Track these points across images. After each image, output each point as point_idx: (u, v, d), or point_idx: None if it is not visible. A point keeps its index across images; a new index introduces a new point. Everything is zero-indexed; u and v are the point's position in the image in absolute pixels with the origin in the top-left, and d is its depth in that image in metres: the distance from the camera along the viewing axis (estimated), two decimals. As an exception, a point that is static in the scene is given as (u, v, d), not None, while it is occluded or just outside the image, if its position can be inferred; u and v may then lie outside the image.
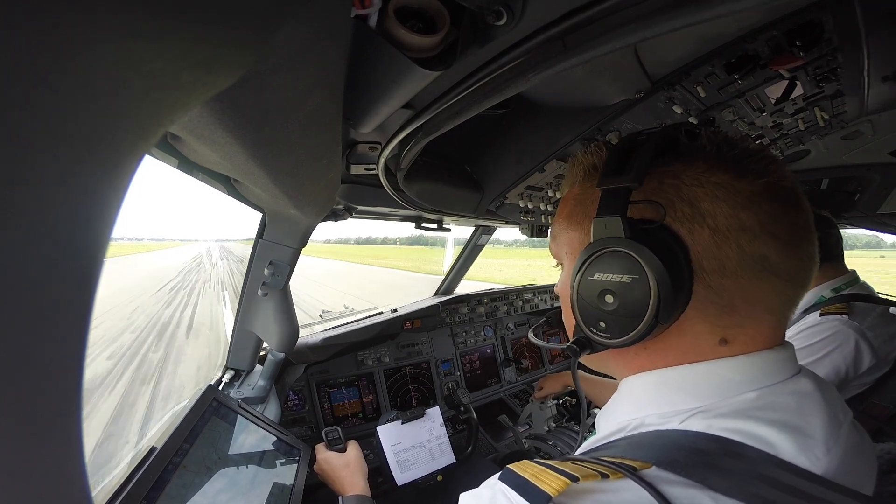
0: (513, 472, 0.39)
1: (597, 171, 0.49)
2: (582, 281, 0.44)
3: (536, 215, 1.44)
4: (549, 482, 0.35)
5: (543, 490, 0.35)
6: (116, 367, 8.57)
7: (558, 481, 0.35)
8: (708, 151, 0.42)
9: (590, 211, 0.46)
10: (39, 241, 0.17)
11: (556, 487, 0.34)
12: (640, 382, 0.47)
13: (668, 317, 0.39)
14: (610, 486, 0.36)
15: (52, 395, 0.20)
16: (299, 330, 1.41)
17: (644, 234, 0.40)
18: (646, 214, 0.42)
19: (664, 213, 0.41)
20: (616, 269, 0.41)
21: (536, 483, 0.36)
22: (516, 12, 0.40)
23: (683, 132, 0.45)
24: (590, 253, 0.43)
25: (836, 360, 1.23)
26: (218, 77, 0.28)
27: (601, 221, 0.42)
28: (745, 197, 0.39)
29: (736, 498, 0.34)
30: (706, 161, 0.41)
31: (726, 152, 0.42)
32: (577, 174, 0.52)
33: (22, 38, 0.14)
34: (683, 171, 0.42)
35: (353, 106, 0.58)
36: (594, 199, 0.45)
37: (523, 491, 0.36)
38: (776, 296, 0.41)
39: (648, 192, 0.42)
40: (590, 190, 0.48)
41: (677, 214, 0.41)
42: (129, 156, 0.22)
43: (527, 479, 0.37)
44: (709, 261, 0.40)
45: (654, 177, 0.43)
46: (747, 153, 0.42)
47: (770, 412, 0.39)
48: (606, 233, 0.42)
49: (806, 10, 0.54)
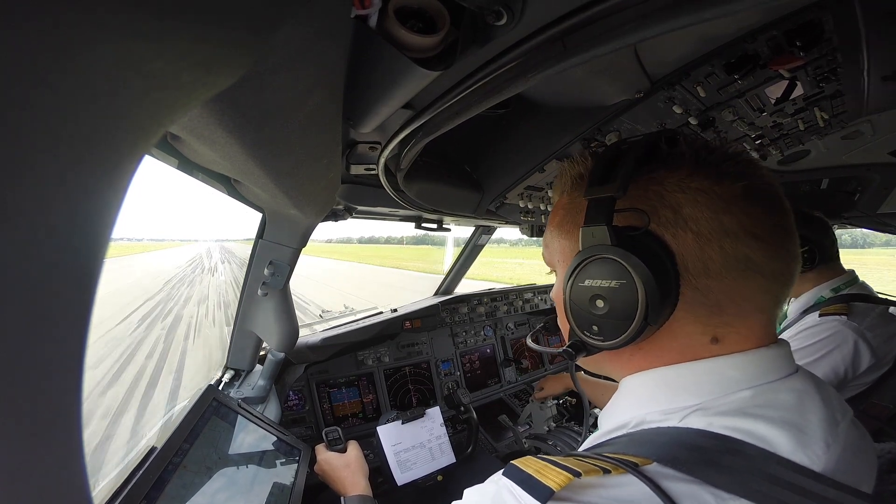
0: (516, 468, 0.40)
1: (583, 181, 0.50)
2: (573, 287, 0.46)
3: (536, 215, 1.44)
4: (551, 477, 0.36)
5: (546, 485, 0.35)
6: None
7: (561, 476, 0.36)
8: (688, 157, 0.44)
9: (578, 220, 0.48)
10: (39, 241, 0.17)
11: (559, 482, 0.35)
12: (640, 381, 0.48)
13: (656, 318, 0.41)
14: (612, 481, 0.37)
15: (52, 395, 0.20)
16: (299, 330, 1.41)
17: (630, 241, 0.42)
18: (631, 221, 0.44)
19: (648, 220, 0.42)
20: (605, 275, 0.42)
21: (539, 478, 0.37)
22: (516, 12, 0.40)
23: (664, 139, 0.46)
24: (579, 261, 0.45)
25: (835, 360, 1.23)
26: (218, 77, 0.28)
27: (588, 230, 0.44)
28: (724, 200, 0.41)
29: (736, 494, 0.34)
30: (687, 167, 0.43)
31: (705, 157, 0.43)
32: (565, 184, 0.54)
33: (22, 37, 0.14)
34: (665, 178, 0.43)
35: (353, 106, 0.58)
36: (581, 208, 0.46)
37: (527, 486, 0.37)
38: (762, 294, 0.43)
39: (633, 200, 0.44)
40: (577, 199, 0.50)
41: (661, 220, 0.42)
42: (129, 156, 0.22)
43: (530, 475, 0.38)
44: (693, 263, 0.41)
45: (638, 184, 0.44)
46: (725, 157, 0.43)
47: (769, 409, 0.40)
48: (594, 241, 0.43)
49: (806, 10, 0.54)
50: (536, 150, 0.98)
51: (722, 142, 0.46)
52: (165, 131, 0.58)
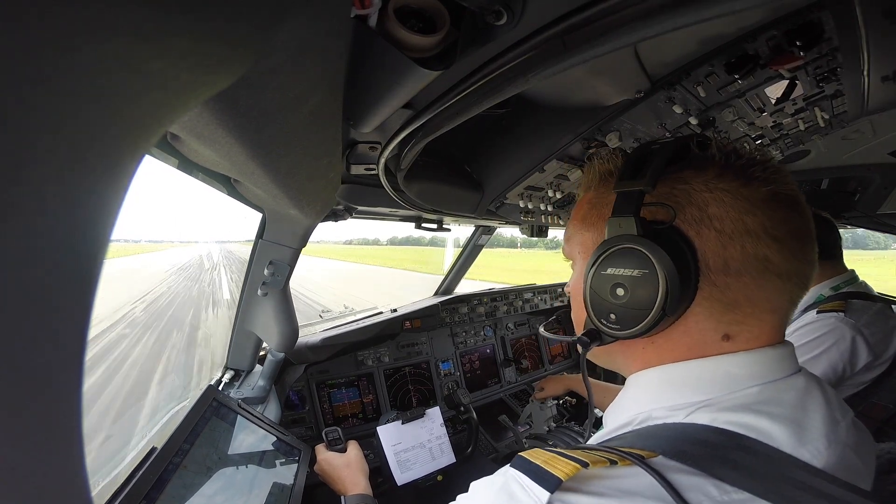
0: (524, 459, 0.41)
1: (612, 177, 0.52)
2: (595, 275, 0.47)
3: (536, 215, 1.43)
4: (559, 467, 0.37)
5: (554, 474, 0.36)
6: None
7: (569, 466, 0.36)
8: (717, 160, 0.45)
9: (604, 213, 0.50)
10: (39, 241, 0.17)
11: (567, 472, 0.36)
12: (647, 378, 0.48)
13: (674, 309, 0.42)
14: (618, 472, 0.37)
15: (52, 395, 0.20)
16: (299, 330, 1.41)
17: (655, 234, 0.43)
18: (657, 216, 0.45)
19: (674, 215, 0.44)
20: (628, 263, 0.44)
21: (547, 468, 0.37)
22: (516, 12, 0.40)
23: (695, 142, 0.48)
24: (604, 249, 0.46)
25: (832, 356, 1.24)
26: (218, 77, 0.28)
27: (616, 221, 0.45)
28: (750, 202, 0.42)
29: (741, 488, 0.35)
30: (715, 169, 0.44)
31: (734, 161, 0.45)
32: (593, 179, 0.55)
33: (22, 37, 0.14)
34: (693, 178, 0.45)
35: (354, 106, 0.58)
36: (609, 201, 0.48)
37: (535, 476, 0.38)
38: (778, 295, 0.43)
39: (660, 196, 0.46)
40: (605, 194, 0.52)
41: (686, 217, 0.44)
42: (129, 155, 0.22)
43: (538, 465, 0.39)
44: (714, 260, 0.43)
45: (666, 182, 0.46)
46: (753, 162, 0.45)
47: (773, 406, 0.40)
48: (620, 231, 0.45)
49: (806, 10, 0.54)
50: (536, 150, 0.98)
51: (751, 148, 0.47)
52: (165, 131, 0.58)
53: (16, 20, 0.13)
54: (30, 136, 0.16)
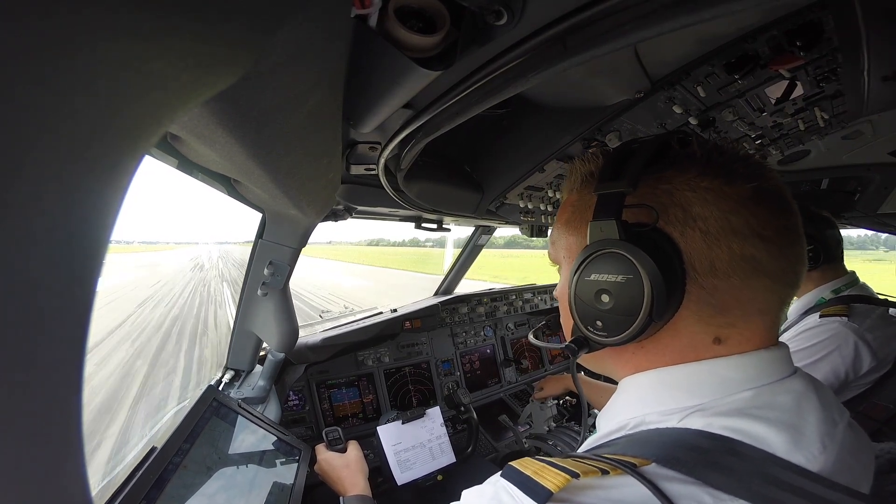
0: (515, 469, 0.40)
1: (593, 178, 0.50)
2: (579, 282, 0.45)
3: (536, 215, 1.43)
4: (550, 478, 0.36)
5: (545, 486, 0.35)
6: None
7: (559, 477, 0.35)
8: (699, 158, 0.44)
9: (587, 216, 0.48)
10: (39, 241, 0.17)
11: (558, 483, 0.35)
12: (639, 382, 0.47)
13: (661, 315, 0.41)
14: (610, 482, 0.37)
15: (53, 395, 0.20)
16: (299, 330, 1.41)
17: (638, 237, 0.42)
18: (640, 218, 0.44)
19: (657, 217, 0.42)
20: (611, 269, 0.42)
21: (538, 479, 0.36)
22: (516, 12, 0.40)
23: (676, 140, 0.46)
24: (586, 255, 0.44)
25: (835, 361, 1.23)
26: (218, 77, 0.28)
27: (597, 225, 0.44)
28: (734, 201, 0.41)
29: (735, 495, 0.34)
30: (697, 167, 0.43)
31: (716, 158, 0.43)
32: (575, 181, 0.54)
33: (22, 37, 0.14)
34: (675, 177, 0.43)
35: (353, 106, 0.58)
36: (591, 204, 0.46)
37: (525, 487, 0.37)
38: (767, 295, 0.43)
39: (642, 197, 0.44)
40: (587, 196, 0.50)
41: (670, 218, 0.43)
42: (129, 156, 0.22)
43: (529, 476, 0.38)
44: (700, 262, 0.41)
45: (647, 182, 0.44)
46: (736, 159, 0.43)
47: (768, 410, 0.40)
48: (602, 235, 0.43)
49: (806, 10, 0.54)
50: (536, 150, 0.98)
51: (732, 145, 0.46)
52: (165, 131, 0.58)
53: (16, 20, 0.13)
54: (30, 136, 0.16)
